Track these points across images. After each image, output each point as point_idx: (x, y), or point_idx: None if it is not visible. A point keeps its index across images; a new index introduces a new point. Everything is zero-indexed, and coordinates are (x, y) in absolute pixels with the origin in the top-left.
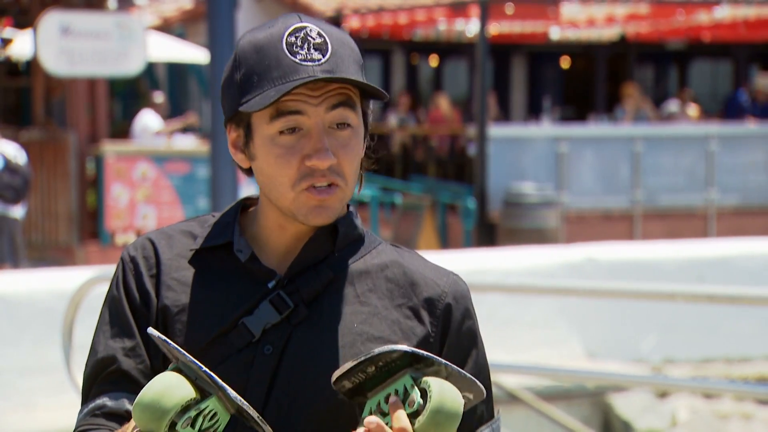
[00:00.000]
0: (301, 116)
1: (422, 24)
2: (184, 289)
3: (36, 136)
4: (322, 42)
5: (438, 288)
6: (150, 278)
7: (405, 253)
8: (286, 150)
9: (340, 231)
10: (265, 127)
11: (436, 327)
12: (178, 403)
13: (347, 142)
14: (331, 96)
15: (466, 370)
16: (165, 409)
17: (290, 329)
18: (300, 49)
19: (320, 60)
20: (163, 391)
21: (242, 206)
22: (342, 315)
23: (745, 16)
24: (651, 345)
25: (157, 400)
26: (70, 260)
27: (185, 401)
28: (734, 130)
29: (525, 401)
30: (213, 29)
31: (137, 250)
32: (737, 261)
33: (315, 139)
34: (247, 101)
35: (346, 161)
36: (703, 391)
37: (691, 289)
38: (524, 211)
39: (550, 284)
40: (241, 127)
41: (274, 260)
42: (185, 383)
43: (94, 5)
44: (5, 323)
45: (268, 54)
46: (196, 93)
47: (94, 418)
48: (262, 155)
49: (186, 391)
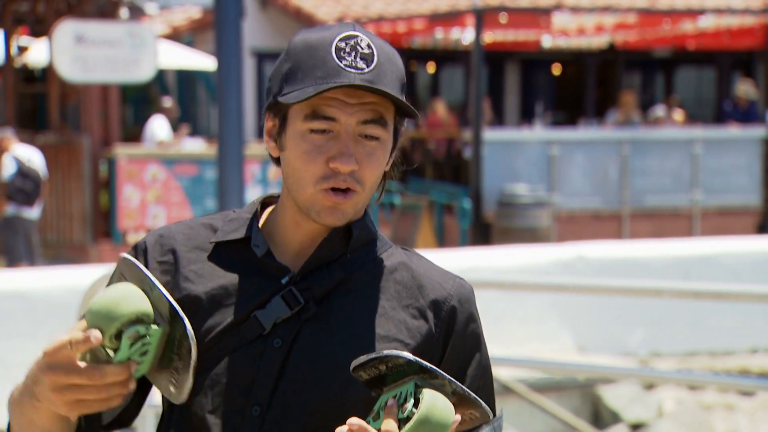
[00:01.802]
0: (334, 122)
1: (420, 33)
2: (201, 281)
3: (51, 140)
4: (370, 53)
5: (444, 291)
6: (159, 267)
7: (414, 257)
8: (314, 147)
9: (354, 233)
10: (299, 123)
11: (440, 328)
12: (133, 312)
13: (372, 152)
14: (366, 110)
15: (469, 372)
16: (120, 313)
17: (300, 324)
18: (347, 55)
19: (364, 69)
20: (124, 296)
21: (263, 203)
22: (350, 314)
23: (728, 25)
24: (638, 339)
25: (116, 302)
26: (84, 258)
27: (140, 314)
28: (718, 134)
29: (518, 393)
30: (220, 38)
31: (154, 240)
32: (721, 259)
33: (342, 143)
34: (288, 93)
35: (368, 170)
36: (688, 383)
37: (676, 286)
38: (517, 212)
39: (542, 281)
40: (278, 117)
41: (289, 257)
42: (146, 300)
43: (107, 15)
44: (23, 318)
45: (316, 54)
46: (204, 98)
47: None
48: (291, 148)
49: (145, 306)
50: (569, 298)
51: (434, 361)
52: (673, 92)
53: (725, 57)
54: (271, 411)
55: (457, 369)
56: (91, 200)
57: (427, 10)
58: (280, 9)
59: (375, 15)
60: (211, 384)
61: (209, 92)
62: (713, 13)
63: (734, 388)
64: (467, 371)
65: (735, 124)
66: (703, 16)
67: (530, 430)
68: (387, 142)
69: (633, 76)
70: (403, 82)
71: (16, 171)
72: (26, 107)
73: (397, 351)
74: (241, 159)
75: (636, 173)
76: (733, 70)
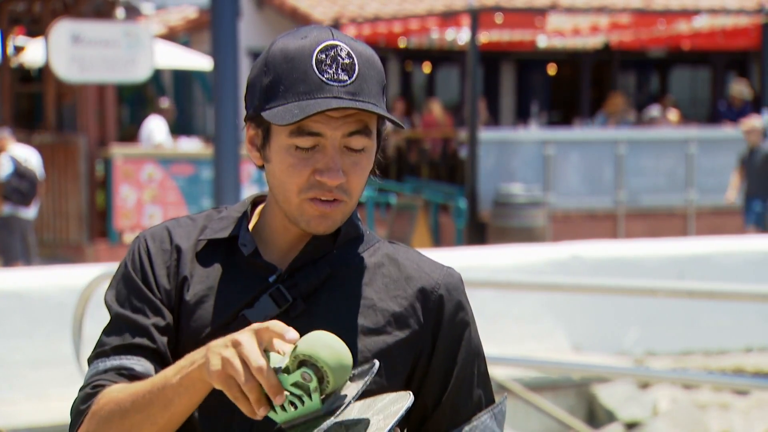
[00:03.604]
0: (319, 137)
1: (416, 33)
2: (192, 282)
3: (48, 140)
4: (350, 63)
5: (432, 280)
6: (165, 272)
7: (401, 249)
8: (300, 161)
9: (341, 230)
10: (283, 137)
11: (428, 318)
12: (334, 366)
13: (358, 161)
14: (350, 123)
15: (459, 359)
16: (336, 360)
17: (288, 322)
18: (328, 68)
19: (346, 81)
20: (347, 357)
21: (254, 202)
22: (338, 309)
23: (723, 25)
24: (633, 338)
25: (346, 353)
26: (81, 258)
27: (332, 377)
28: (712, 134)
29: (514, 392)
30: (216, 38)
31: (155, 243)
32: (715, 258)
33: (329, 157)
34: (271, 108)
35: (355, 180)
36: (683, 382)
37: (671, 285)
38: (513, 211)
39: (537, 280)
40: (260, 129)
41: (277, 255)
42: (343, 379)
43: (103, 15)
44: (19, 318)
45: (297, 67)
46: (200, 98)
47: (118, 377)
48: (276, 161)
49: (339, 378)
50: (564, 297)
51: (424, 353)
52: (668, 92)
53: (720, 57)
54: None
55: (447, 357)
56: (88, 200)
57: (422, 10)
58: (276, 9)
59: (371, 15)
60: None
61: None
62: (708, 13)
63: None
64: (457, 359)
65: (730, 124)
66: (697, 17)
67: (525, 429)
68: (372, 148)
69: (628, 76)
70: (383, 84)
71: (13, 171)
72: (23, 107)
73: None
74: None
75: (631, 173)
76: (727, 70)
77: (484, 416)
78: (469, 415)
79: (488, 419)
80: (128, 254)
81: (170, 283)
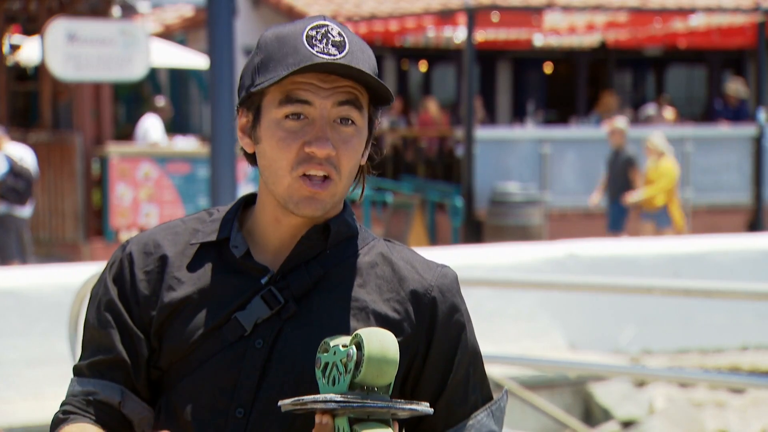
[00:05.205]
0: (308, 106)
1: (412, 31)
2: (182, 285)
3: (44, 138)
4: (341, 40)
5: (425, 282)
6: (145, 277)
7: (396, 248)
8: (289, 134)
9: (332, 229)
10: (273, 111)
11: (421, 321)
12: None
13: (349, 138)
14: (340, 92)
15: (456, 360)
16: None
17: (280, 324)
18: (319, 42)
19: (336, 55)
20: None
21: (246, 202)
22: (331, 311)
23: (719, 24)
24: (629, 337)
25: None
26: (77, 256)
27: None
28: (708, 133)
29: (510, 390)
30: (212, 36)
31: (139, 248)
32: (711, 257)
33: (318, 127)
34: (261, 83)
35: (344, 156)
36: (679, 381)
37: (667, 284)
38: (509, 210)
39: (533, 279)
40: (251, 111)
41: (269, 256)
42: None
43: (99, 13)
44: (15, 316)
45: (287, 43)
46: (196, 97)
47: (85, 405)
48: (266, 138)
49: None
50: (561, 295)
51: (419, 354)
52: (664, 91)
53: (716, 56)
54: (254, 412)
55: (444, 359)
56: (84, 198)
57: (419, 9)
58: (272, 7)
59: (367, 13)
60: (195, 387)
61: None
62: (704, 11)
63: (725, 385)
64: (452, 361)
65: (726, 123)
66: (694, 15)
67: (522, 428)
68: (362, 129)
69: (624, 75)
70: (376, 71)
71: (8, 170)
72: (18, 105)
73: (321, 399)
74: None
75: None
76: (723, 68)
77: (480, 415)
78: (464, 415)
79: (484, 417)
80: (109, 264)
81: (150, 289)
